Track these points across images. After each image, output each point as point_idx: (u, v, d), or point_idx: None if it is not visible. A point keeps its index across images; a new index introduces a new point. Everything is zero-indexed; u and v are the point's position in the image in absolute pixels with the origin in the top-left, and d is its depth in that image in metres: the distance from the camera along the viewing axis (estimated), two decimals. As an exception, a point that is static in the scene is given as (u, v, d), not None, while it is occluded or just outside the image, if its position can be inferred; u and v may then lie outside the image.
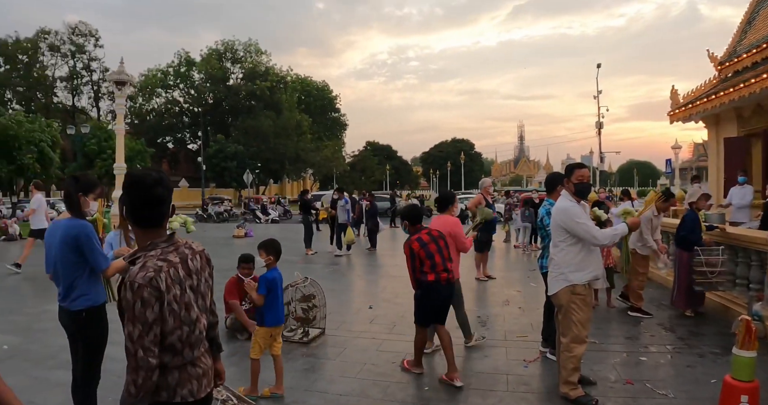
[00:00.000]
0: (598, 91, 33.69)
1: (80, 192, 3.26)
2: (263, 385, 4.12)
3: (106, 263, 3.24)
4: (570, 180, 4.10)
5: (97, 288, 3.26)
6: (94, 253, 3.17)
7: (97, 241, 3.21)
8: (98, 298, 3.25)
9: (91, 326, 3.21)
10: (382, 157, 68.89)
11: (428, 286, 4.41)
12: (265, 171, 49.04)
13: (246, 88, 50.10)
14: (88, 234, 3.14)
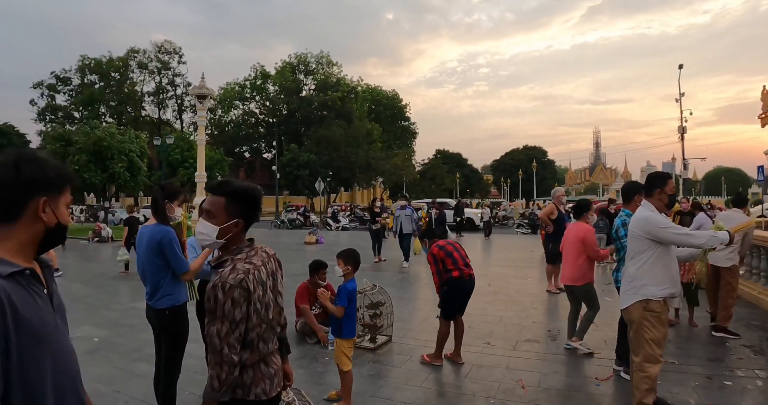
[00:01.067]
0: (681, 93, 31.72)
1: (166, 199, 3.50)
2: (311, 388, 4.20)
3: (185, 267, 3.44)
4: (664, 191, 3.80)
5: (179, 288, 3.47)
6: (175, 257, 3.38)
7: (178, 246, 3.41)
8: (180, 297, 3.47)
9: (173, 323, 3.46)
10: (452, 165, 68.45)
11: (454, 282, 4.99)
12: (336, 179, 50.04)
13: (318, 99, 51.51)
14: (171, 239, 3.35)
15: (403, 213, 12.44)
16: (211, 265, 2.10)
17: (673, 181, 3.88)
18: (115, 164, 33.00)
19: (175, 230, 3.51)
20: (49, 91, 53.95)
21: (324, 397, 4.21)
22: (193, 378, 4.37)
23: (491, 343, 5.78)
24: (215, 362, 1.89)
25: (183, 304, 3.50)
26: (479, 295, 8.65)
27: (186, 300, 3.56)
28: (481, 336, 6.04)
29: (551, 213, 8.37)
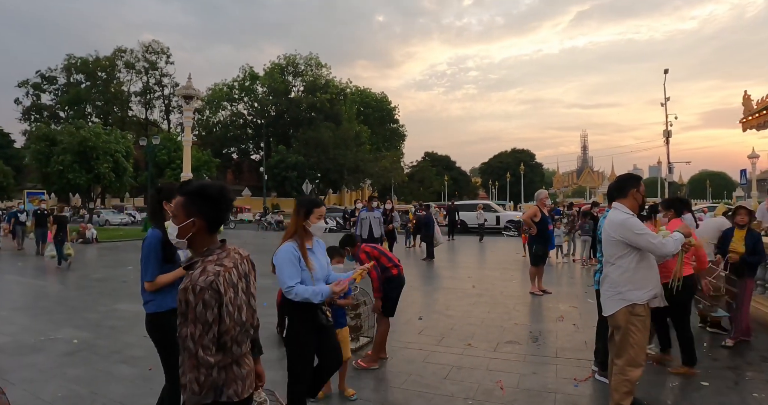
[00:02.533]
0: (666, 97, 32.10)
1: (164, 200, 3.35)
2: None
3: (148, 275, 3.21)
4: (639, 191, 3.83)
5: (164, 294, 3.24)
6: (143, 263, 3.23)
7: (154, 253, 3.20)
8: (165, 303, 3.23)
9: (154, 330, 3.28)
10: (440, 167, 68.64)
11: (394, 280, 5.06)
12: (324, 181, 49.99)
13: (307, 101, 51.46)
14: (149, 244, 3.22)
15: (371, 215, 11.33)
16: (182, 267, 2.10)
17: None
18: (101, 165, 32.73)
19: None
20: (35, 90, 53.41)
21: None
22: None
23: (472, 344, 5.81)
24: (191, 366, 1.89)
25: (167, 311, 3.21)
26: (464, 297, 8.71)
27: (173, 307, 3.38)
28: (463, 337, 6.06)
29: (534, 215, 8.43)
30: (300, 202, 3.52)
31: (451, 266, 13.49)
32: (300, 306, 3.31)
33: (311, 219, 3.44)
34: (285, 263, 3.29)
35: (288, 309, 3.41)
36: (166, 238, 3.17)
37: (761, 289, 7.10)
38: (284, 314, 3.55)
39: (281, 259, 3.31)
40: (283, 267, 3.29)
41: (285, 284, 3.24)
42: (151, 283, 3.19)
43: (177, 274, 3.23)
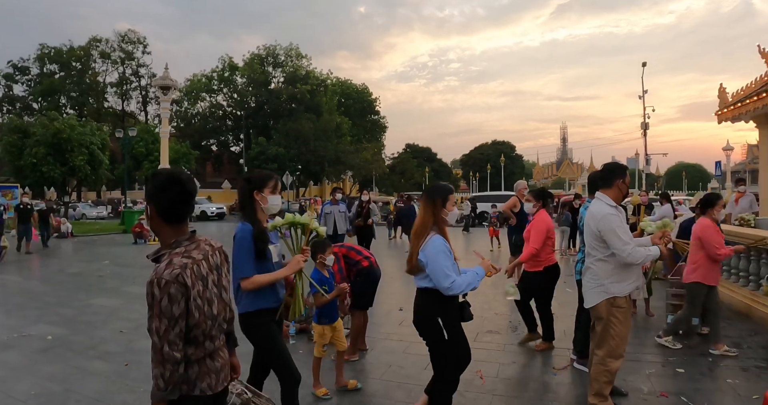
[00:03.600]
0: (644, 90, 32.54)
1: (255, 190, 3.03)
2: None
3: (244, 271, 2.89)
4: (624, 181, 3.80)
5: (257, 293, 2.95)
6: (238, 260, 2.89)
7: (247, 247, 2.90)
8: (254, 303, 2.97)
9: (246, 332, 3.04)
10: (421, 159, 68.62)
11: (366, 271, 5.06)
12: (305, 173, 49.66)
13: (287, 92, 50.90)
14: (243, 238, 2.91)
15: (336, 210, 10.01)
16: (150, 259, 2.02)
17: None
18: (76, 157, 32.04)
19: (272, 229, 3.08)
20: (6, 80, 51.97)
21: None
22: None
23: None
24: (157, 361, 1.85)
25: (257, 311, 2.98)
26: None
27: (263, 307, 3.00)
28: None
29: (514, 206, 8.46)
30: (434, 190, 3.31)
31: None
32: (452, 303, 3.18)
33: (447, 207, 3.25)
34: (441, 257, 3.06)
35: (438, 308, 3.15)
36: (258, 232, 2.95)
37: (744, 281, 7.25)
38: (428, 316, 3.21)
39: (436, 253, 3.06)
40: (440, 261, 3.05)
41: (447, 279, 3.01)
42: (248, 281, 2.88)
43: (278, 276, 2.99)
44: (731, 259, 7.66)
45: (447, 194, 3.25)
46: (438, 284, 3.06)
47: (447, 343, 3.14)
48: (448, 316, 3.15)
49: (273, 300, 3.04)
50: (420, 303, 3.25)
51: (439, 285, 3.05)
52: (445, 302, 3.13)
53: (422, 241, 3.16)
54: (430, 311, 3.18)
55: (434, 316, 3.15)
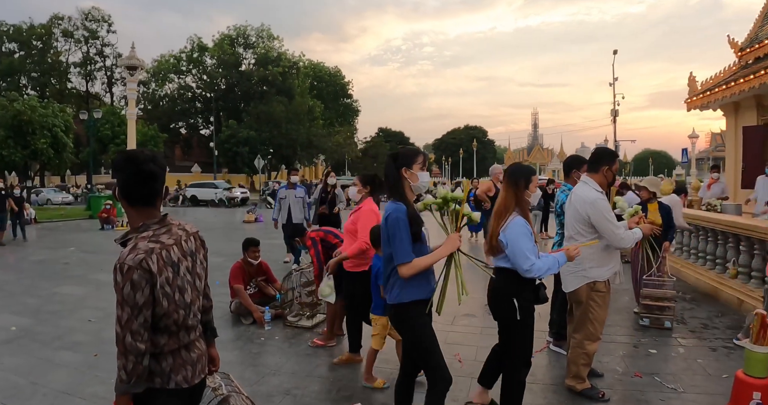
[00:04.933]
0: (614, 78, 33.04)
1: (402, 167, 2.79)
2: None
3: (403, 256, 2.63)
4: (611, 169, 3.80)
5: (414, 282, 2.72)
6: (394, 244, 2.65)
7: (405, 231, 2.65)
8: (408, 294, 2.74)
9: (398, 324, 2.86)
10: (394, 143, 68.59)
11: None
12: (277, 157, 49.08)
13: (258, 74, 49.99)
14: (397, 219, 2.65)
15: (291, 194, 8.72)
16: (117, 243, 1.90)
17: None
18: (38, 140, 30.90)
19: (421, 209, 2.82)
20: (-38, 60, 49.69)
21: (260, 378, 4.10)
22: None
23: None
24: (120, 352, 1.73)
25: (410, 303, 2.74)
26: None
27: (417, 298, 2.76)
28: (420, 313, 6.07)
29: (489, 190, 8.47)
30: (518, 172, 3.20)
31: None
32: (529, 285, 3.13)
33: (530, 188, 3.16)
34: (523, 239, 3.02)
35: (514, 289, 3.12)
36: (412, 213, 2.72)
37: (711, 264, 7.43)
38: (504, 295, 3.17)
39: (517, 234, 3.02)
40: (521, 243, 3.01)
41: (527, 261, 2.98)
42: (408, 266, 2.63)
43: (436, 258, 2.76)
44: (699, 242, 7.86)
45: (530, 175, 3.20)
46: (517, 266, 3.04)
47: (518, 323, 3.14)
48: (523, 298, 3.14)
49: (427, 290, 2.83)
50: (497, 282, 3.23)
51: (518, 267, 3.03)
52: (522, 284, 3.11)
53: (503, 222, 3.13)
54: (506, 290, 3.17)
55: (510, 296, 3.14)
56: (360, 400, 3.70)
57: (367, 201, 4.47)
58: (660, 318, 5.56)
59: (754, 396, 3.39)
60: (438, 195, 2.88)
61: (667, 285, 5.67)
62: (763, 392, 3.38)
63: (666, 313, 5.57)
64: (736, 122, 11.94)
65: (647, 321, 5.59)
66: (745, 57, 11.48)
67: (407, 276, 2.64)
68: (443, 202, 2.86)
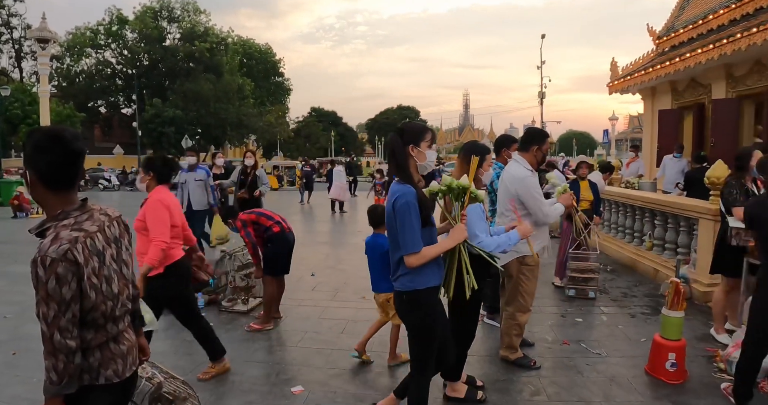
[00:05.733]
0: (542, 61, 34.17)
1: (410, 144, 2.63)
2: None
3: (410, 247, 2.48)
4: (541, 149, 3.92)
5: (425, 269, 2.58)
6: (403, 230, 2.49)
7: (416, 217, 2.49)
8: (422, 280, 2.60)
9: (409, 312, 2.71)
10: (327, 123, 67.81)
11: (277, 237, 4.86)
12: (205, 137, 47.31)
13: (184, 50, 47.62)
14: (408, 204, 2.47)
15: (191, 177, 7.70)
16: (32, 233, 1.73)
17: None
18: (-65, 118, 28.18)
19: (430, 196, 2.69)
20: None
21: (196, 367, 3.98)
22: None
23: (367, 297, 5.85)
24: (48, 351, 1.59)
25: (424, 290, 2.61)
26: (356, 251, 8.74)
27: (431, 285, 2.64)
28: (358, 291, 6.10)
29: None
30: (473, 149, 3.10)
31: (344, 221, 13.50)
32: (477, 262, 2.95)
33: (484, 167, 3.09)
34: (473, 218, 3.05)
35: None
36: (421, 196, 2.55)
37: (629, 238, 7.90)
38: None
39: (468, 213, 2.92)
40: (471, 222, 3.00)
41: (475, 239, 3.01)
42: (417, 256, 2.49)
43: (443, 248, 2.64)
44: (618, 217, 8.34)
45: (485, 154, 3.18)
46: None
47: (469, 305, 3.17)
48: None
49: (439, 276, 2.72)
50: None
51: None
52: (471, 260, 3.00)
53: None
54: None
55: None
56: (300, 383, 3.67)
57: (156, 189, 3.75)
58: (585, 289, 5.89)
59: (670, 357, 3.68)
60: (443, 182, 2.77)
61: (591, 258, 6.00)
62: (678, 353, 3.68)
63: (590, 284, 5.92)
64: (652, 106, 12.65)
65: (573, 292, 5.90)
66: (662, 45, 12.12)
67: (415, 266, 2.52)
68: (449, 191, 2.75)
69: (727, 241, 4.25)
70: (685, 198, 7.04)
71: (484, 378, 3.74)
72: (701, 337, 4.58)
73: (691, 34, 10.67)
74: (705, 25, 10.08)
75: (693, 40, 10.46)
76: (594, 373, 3.86)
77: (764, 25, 7.26)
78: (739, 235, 4.14)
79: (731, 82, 9.39)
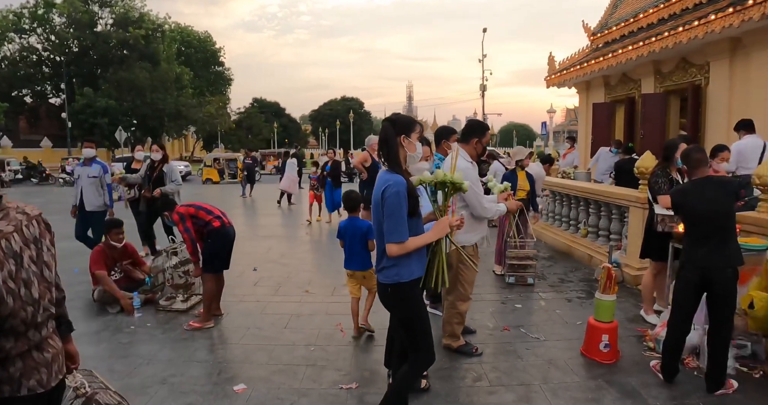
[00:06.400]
0: (483, 55, 34.91)
1: (402, 134, 2.64)
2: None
3: (395, 236, 2.48)
4: (481, 141, 3.99)
5: (410, 260, 2.59)
6: (390, 220, 2.49)
7: (404, 206, 2.49)
8: (407, 272, 2.59)
9: (397, 304, 2.70)
10: (269, 114, 66.49)
11: (217, 232, 4.73)
12: (141, 128, 45.34)
13: (117, 36, 45.31)
14: (399, 194, 2.48)
15: (85, 173, 6.84)
16: None
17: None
18: None
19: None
20: None
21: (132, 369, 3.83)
22: None
23: (310, 291, 5.81)
24: None
25: (409, 281, 2.61)
26: (298, 244, 8.68)
27: (416, 276, 2.64)
28: (300, 285, 6.04)
29: (365, 160, 8.52)
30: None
31: (288, 214, 13.32)
32: None
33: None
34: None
35: None
36: (410, 186, 2.56)
37: (566, 226, 8.19)
38: None
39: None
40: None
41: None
42: (402, 246, 2.50)
43: (426, 240, 2.62)
44: (555, 206, 8.63)
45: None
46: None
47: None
48: None
49: (422, 267, 2.71)
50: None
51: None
52: None
53: None
54: None
55: None
56: (243, 381, 3.59)
57: None
58: (524, 275, 6.08)
59: (603, 338, 3.86)
60: (435, 176, 2.79)
61: (529, 246, 6.19)
62: (610, 334, 3.87)
63: (529, 270, 6.12)
64: (587, 99, 13.14)
65: (513, 279, 6.08)
66: (596, 41, 12.60)
67: (395, 256, 2.51)
68: (440, 185, 2.80)
69: (654, 228, 4.50)
70: (616, 187, 7.37)
71: (427, 367, 3.78)
72: (632, 319, 4.83)
73: (623, 31, 11.13)
74: (636, 23, 10.55)
75: (625, 37, 10.92)
76: (533, 357, 3.99)
77: (689, 24, 7.67)
78: (664, 222, 4.40)
79: (659, 78, 9.87)
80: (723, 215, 3.34)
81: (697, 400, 3.31)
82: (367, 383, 3.56)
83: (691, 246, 3.45)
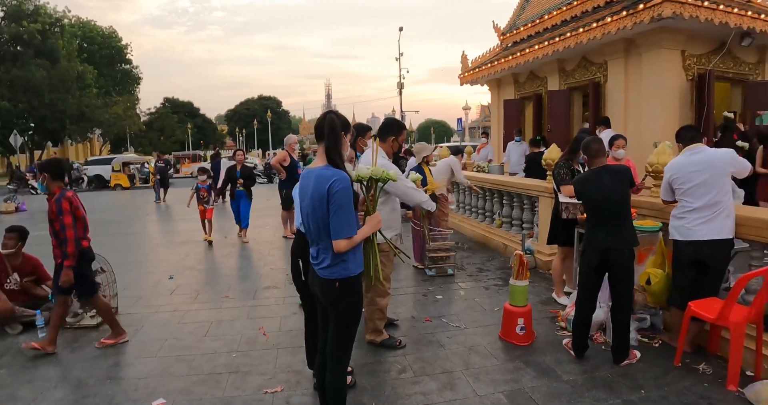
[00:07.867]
0: (400, 53, 35.47)
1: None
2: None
3: (346, 232, 2.46)
4: (397, 139, 4.09)
5: (354, 253, 2.59)
6: (340, 215, 2.45)
7: (352, 202, 2.52)
8: (355, 266, 2.60)
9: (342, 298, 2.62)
10: (182, 114, 63.74)
11: (88, 253, 4.33)
12: (40, 132, 42.05)
13: (9, 31, 41.53)
14: (347, 189, 2.47)
15: None
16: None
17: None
18: None
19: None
20: None
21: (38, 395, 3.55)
22: None
23: (230, 296, 5.65)
24: None
25: (357, 275, 2.61)
26: (216, 249, 8.39)
27: (361, 270, 2.65)
28: (220, 291, 5.86)
29: (284, 160, 8.43)
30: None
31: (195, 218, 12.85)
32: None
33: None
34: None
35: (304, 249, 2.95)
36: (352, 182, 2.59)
37: (482, 218, 8.49)
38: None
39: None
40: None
41: None
42: (351, 241, 2.49)
43: (365, 234, 2.64)
44: (471, 199, 8.94)
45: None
46: None
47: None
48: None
49: (363, 261, 2.73)
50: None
51: None
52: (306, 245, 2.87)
53: None
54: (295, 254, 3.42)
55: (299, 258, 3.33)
56: (161, 395, 3.43)
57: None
58: (443, 267, 6.27)
59: (519, 321, 4.08)
60: (374, 171, 2.85)
61: (448, 238, 6.38)
62: (525, 317, 4.11)
63: (448, 262, 6.32)
64: (498, 96, 13.64)
65: (434, 271, 6.24)
66: (505, 40, 13.10)
67: (342, 251, 2.49)
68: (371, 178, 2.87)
69: (559, 215, 4.81)
70: (526, 179, 7.75)
71: (352, 363, 3.78)
72: (545, 301, 5.12)
73: (530, 31, 11.66)
74: (541, 24, 11.10)
75: (532, 37, 11.44)
76: (455, 345, 4.12)
77: (589, 26, 8.18)
78: (568, 209, 4.71)
79: (563, 76, 10.44)
80: (618, 201, 3.64)
81: (606, 372, 3.58)
82: (293, 386, 3.52)
83: (591, 230, 3.73)
